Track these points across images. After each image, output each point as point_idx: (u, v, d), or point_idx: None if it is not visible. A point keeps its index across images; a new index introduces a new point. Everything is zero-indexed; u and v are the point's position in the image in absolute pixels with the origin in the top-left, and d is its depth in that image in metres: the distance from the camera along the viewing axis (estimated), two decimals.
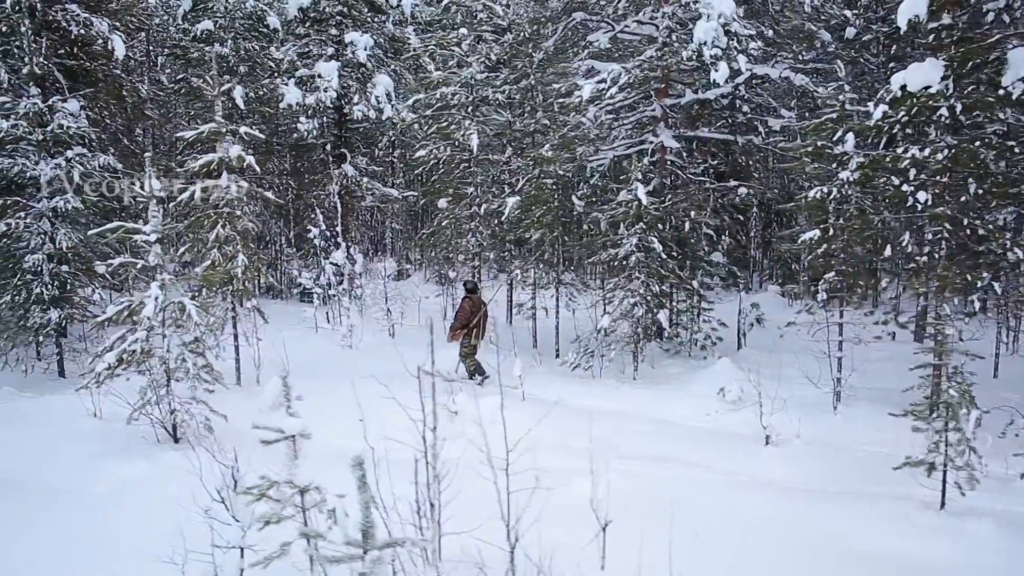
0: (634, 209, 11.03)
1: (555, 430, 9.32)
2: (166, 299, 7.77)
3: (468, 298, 11.68)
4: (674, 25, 11.32)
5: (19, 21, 10.75)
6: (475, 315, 11.45)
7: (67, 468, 7.54)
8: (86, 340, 11.84)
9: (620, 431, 9.25)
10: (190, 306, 7.86)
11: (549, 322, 14.17)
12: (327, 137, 18.91)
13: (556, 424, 9.48)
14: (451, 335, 11.70)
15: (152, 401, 7.95)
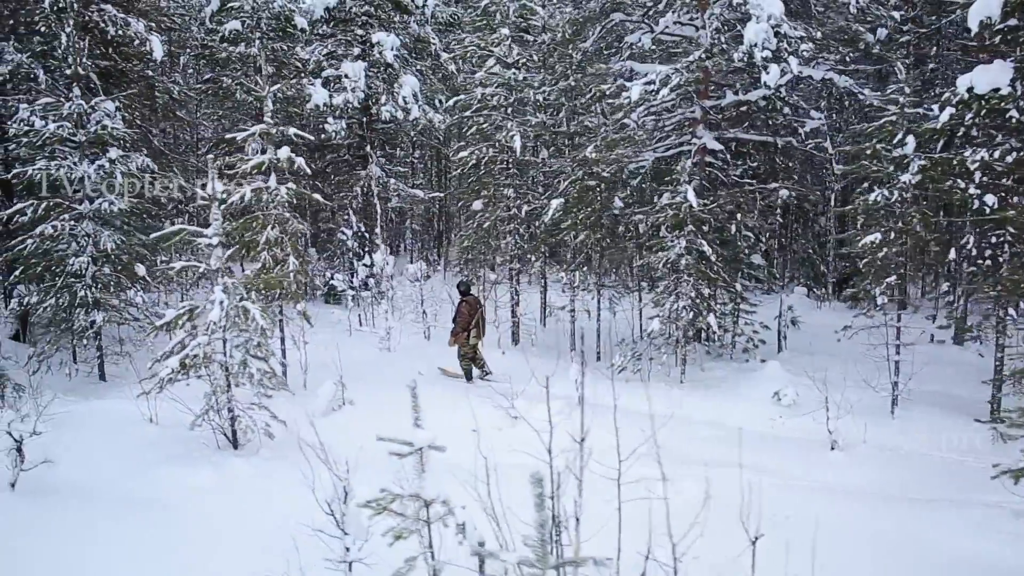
0: (683, 211, 10.94)
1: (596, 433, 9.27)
2: (230, 303, 7.66)
3: (465, 300, 11.74)
4: (722, 26, 11.24)
5: (64, 21, 10.62)
6: (473, 315, 11.53)
7: (133, 475, 7.43)
8: (123, 343, 11.71)
9: (680, 436, 9.15)
10: (254, 310, 7.76)
11: (587, 325, 14.09)
12: (352, 138, 18.80)
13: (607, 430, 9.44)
14: (454, 339, 11.76)
15: (215, 407, 7.85)
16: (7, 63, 11.95)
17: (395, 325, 13.36)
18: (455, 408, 10.00)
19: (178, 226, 8.08)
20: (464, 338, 11.59)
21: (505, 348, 13.42)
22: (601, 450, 8.38)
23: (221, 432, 8.19)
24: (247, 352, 7.93)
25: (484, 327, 11.75)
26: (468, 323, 11.49)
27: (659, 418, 9.82)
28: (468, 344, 11.63)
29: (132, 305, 11.37)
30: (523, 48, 13.17)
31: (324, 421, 9.47)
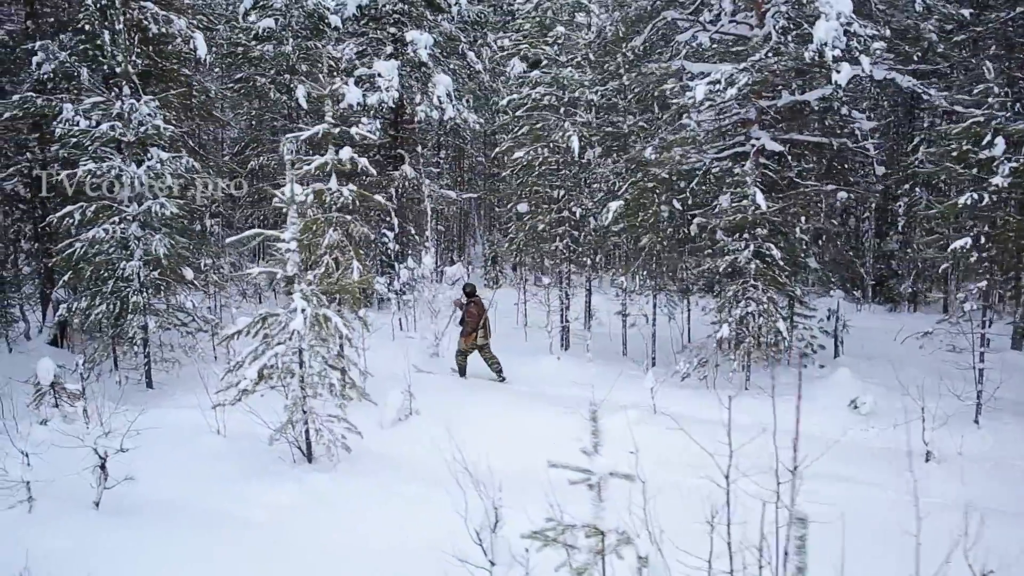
0: (750, 214, 10.65)
1: (682, 443, 8.96)
2: (312, 311, 7.34)
3: (472, 301, 12.00)
4: (788, 24, 10.94)
5: (114, 17, 10.29)
6: (481, 316, 11.82)
7: (213, 491, 7.12)
8: (172, 348, 11.39)
9: (762, 447, 8.87)
10: (336, 318, 7.44)
11: (638, 329, 13.79)
12: (384, 138, 18.48)
13: (685, 438, 9.12)
14: (464, 340, 12.02)
15: (296, 420, 7.53)
16: (51, 61, 11.60)
17: (441, 329, 13.05)
18: (530, 415, 9.72)
19: (255, 230, 7.77)
20: (474, 339, 11.88)
21: (559, 353, 13.10)
22: (699, 463, 7.97)
23: (295, 445, 7.88)
24: (325, 362, 7.63)
25: (490, 328, 12.11)
26: (477, 324, 11.81)
27: (741, 427, 9.44)
28: (477, 345, 11.94)
29: (181, 310, 11.04)
30: (573, 47, 12.85)
31: (393, 432, 9.18)
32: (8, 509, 6.15)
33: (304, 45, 16.82)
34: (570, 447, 8.69)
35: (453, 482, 7.40)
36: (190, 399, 10.29)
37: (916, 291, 18.50)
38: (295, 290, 7.46)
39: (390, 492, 7.13)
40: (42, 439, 8.44)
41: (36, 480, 6.20)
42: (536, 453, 8.42)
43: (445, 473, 7.75)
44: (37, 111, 11.61)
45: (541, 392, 11.06)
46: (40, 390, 9.26)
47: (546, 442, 8.70)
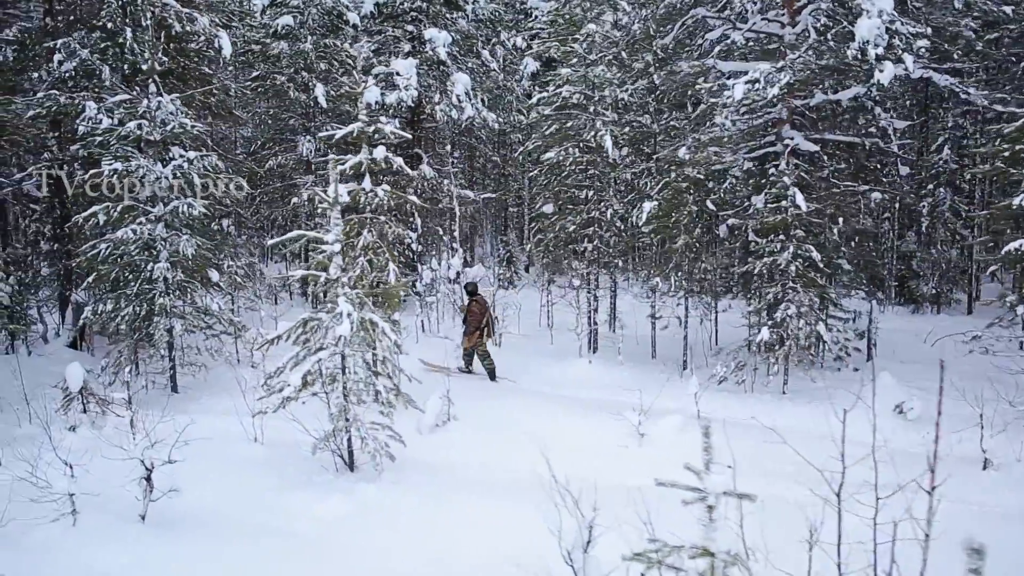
0: (790, 215, 10.44)
1: (742, 452, 8.75)
2: (358, 316, 7.12)
3: (474, 300, 12.02)
4: (828, 21, 10.74)
5: (141, 13, 10.05)
6: (484, 315, 11.83)
7: (258, 503, 6.89)
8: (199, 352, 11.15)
9: (809, 452, 8.64)
10: (383, 324, 7.22)
11: (665, 332, 13.58)
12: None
13: (740, 445, 8.91)
14: (468, 340, 12.05)
15: (341, 428, 7.30)
16: (72, 59, 11.36)
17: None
18: (573, 420, 9.50)
19: (297, 232, 7.55)
20: (477, 337, 11.88)
21: (589, 356, 12.88)
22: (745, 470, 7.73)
23: (337, 454, 7.65)
24: (369, 367, 7.40)
25: (493, 326, 12.17)
26: (480, 323, 11.81)
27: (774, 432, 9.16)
28: (482, 343, 11.94)
29: (207, 312, 10.79)
30: (603, 45, 12.63)
31: (433, 439, 8.94)
32: (52, 522, 5.92)
33: (322, 43, 16.57)
34: (621, 453, 8.48)
35: (507, 493, 7.21)
36: (219, 404, 10.05)
37: (940, 292, 18.29)
38: (339, 293, 7.24)
39: (442, 503, 6.91)
40: (75, 447, 8.25)
41: (81, 493, 5.96)
42: (590, 461, 8.25)
43: (497, 482, 7.58)
44: (60, 109, 11.36)
45: (575, 396, 10.85)
46: (69, 395, 9.02)
47: (596, 448, 8.52)
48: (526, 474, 8.01)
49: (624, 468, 7.90)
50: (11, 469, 6.51)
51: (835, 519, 4.73)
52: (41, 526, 5.86)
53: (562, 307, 14.74)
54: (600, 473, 7.89)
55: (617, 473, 7.79)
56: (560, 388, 11.38)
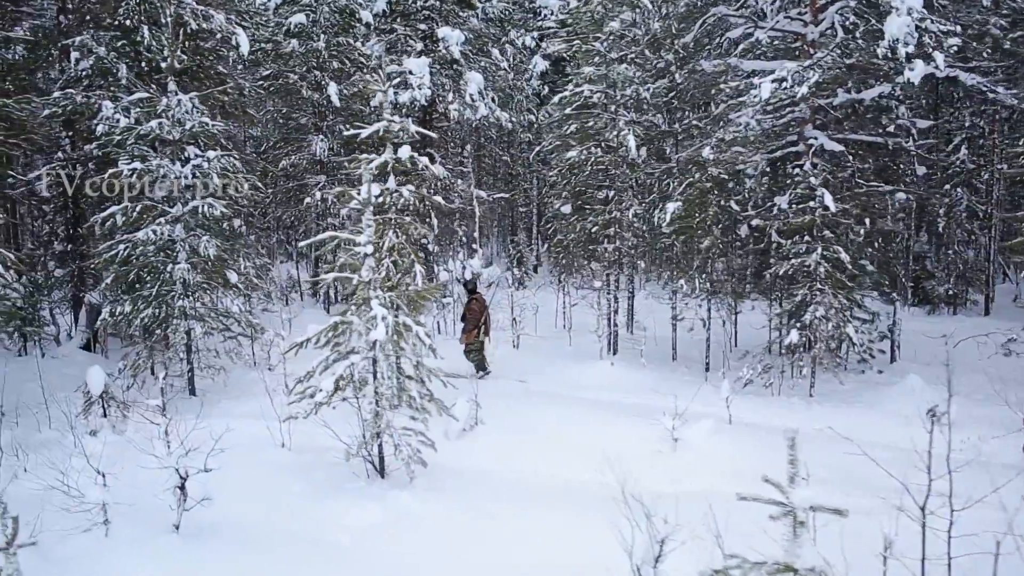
0: (818, 216, 10.30)
1: (777, 457, 8.60)
2: (392, 319, 6.96)
3: (473, 298, 12.01)
4: (857, 19, 10.60)
5: (162, 10, 9.88)
6: (482, 313, 11.78)
7: (290, 511, 6.73)
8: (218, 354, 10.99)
9: (848, 458, 8.49)
10: (417, 328, 7.06)
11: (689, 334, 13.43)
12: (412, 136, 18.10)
13: (773, 450, 8.76)
14: (466, 336, 11.98)
15: (373, 434, 7.15)
16: (88, 57, 11.18)
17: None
18: (604, 425, 9.34)
19: (329, 233, 7.39)
20: (475, 335, 11.82)
21: (610, 359, 12.72)
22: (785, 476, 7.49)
23: (368, 460, 7.49)
24: (402, 372, 7.25)
25: (490, 324, 12.09)
26: (479, 320, 11.74)
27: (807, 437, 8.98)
28: (478, 340, 11.88)
29: (226, 314, 10.63)
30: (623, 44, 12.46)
31: (461, 444, 8.78)
32: (84, 532, 5.75)
33: (334, 41, 16.41)
34: (656, 459, 8.29)
35: (548, 501, 7.04)
36: (240, 407, 9.89)
37: (956, 293, 18.16)
38: (372, 296, 7.08)
39: (479, 512, 6.75)
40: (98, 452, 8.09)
41: (114, 502, 5.80)
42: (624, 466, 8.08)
43: (534, 489, 7.42)
44: (77, 108, 11.20)
45: (599, 399, 10.68)
46: (90, 399, 8.86)
47: (630, 453, 8.34)
48: (562, 481, 7.89)
49: (662, 474, 7.76)
50: (41, 477, 6.35)
51: (910, 531, 4.59)
52: (73, 536, 5.70)
53: (580, 309, 14.59)
54: (637, 479, 7.75)
55: (655, 479, 7.63)
56: (582, 391, 11.21)
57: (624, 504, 4.66)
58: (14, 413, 9.27)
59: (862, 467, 8.06)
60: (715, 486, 7.33)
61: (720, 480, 7.57)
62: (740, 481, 7.70)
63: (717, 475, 7.73)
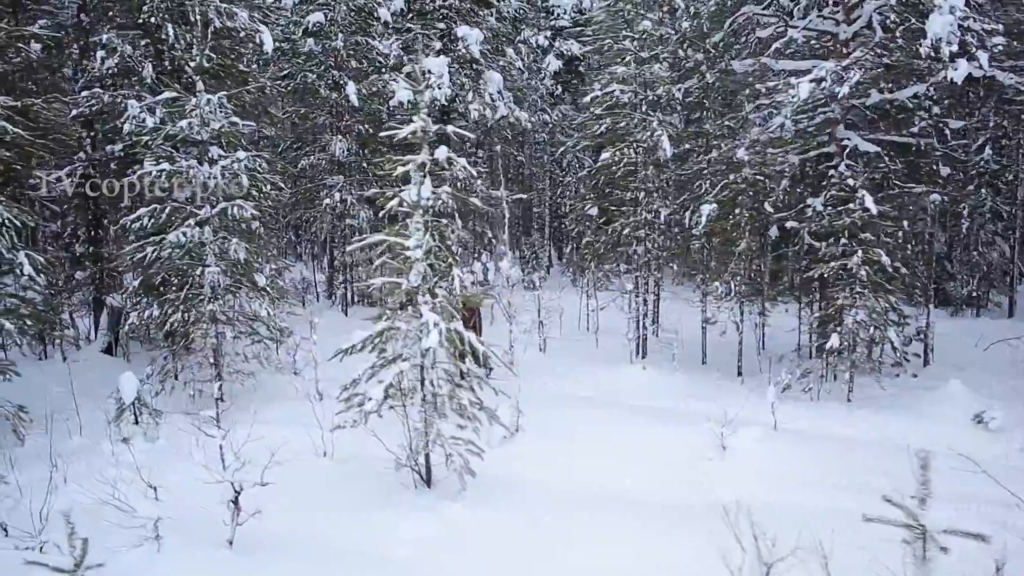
0: (858, 218, 10.13)
1: (832, 466, 8.42)
2: (444, 326, 6.77)
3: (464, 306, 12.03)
4: (898, 19, 10.42)
5: (191, 10, 9.68)
6: (471, 318, 11.69)
7: (340, 521, 6.56)
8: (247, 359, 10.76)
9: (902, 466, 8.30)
10: (469, 335, 6.87)
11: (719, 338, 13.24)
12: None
13: (827, 458, 8.57)
14: None
15: (423, 443, 6.96)
16: (114, 56, 10.97)
17: (518, 336, 12.46)
18: (646, 430, 9.15)
19: (378, 236, 7.21)
20: None
21: (642, 362, 12.53)
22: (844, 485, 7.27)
23: (415, 470, 7.30)
24: (452, 380, 7.06)
25: (480, 330, 12.16)
26: (470, 322, 11.71)
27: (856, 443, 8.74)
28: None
29: (255, 318, 10.42)
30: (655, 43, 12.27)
31: (503, 451, 8.57)
32: (135, 547, 5.55)
33: (352, 40, 16.21)
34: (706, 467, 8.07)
35: (599, 512, 6.83)
36: (271, 413, 9.65)
37: (979, 294, 18.00)
38: (422, 302, 6.89)
39: (532, 524, 6.56)
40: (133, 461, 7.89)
41: (167, 517, 5.60)
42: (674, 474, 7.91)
43: (587, 500, 7.23)
44: (103, 108, 10.99)
45: (637, 404, 10.49)
46: (122, 406, 8.66)
47: (677, 461, 8.17)
48: (613, 490, 7.69)
49: (715, 483, 7.57)
50: (87, 488, 6.15)
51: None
52: (125, 553, 5.49)
53: (609, 311, 14.39)
54: (691, 488, 7.58)
55: (707, 488, 7.46)
56: (616, 395, 11.04)
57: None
58: (43, 419, 9.06)
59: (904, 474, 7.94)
60: (774, 496, 7.15)
61: (776, 489, 7.39)
62: (794, 490, 7.55)
63: (772, 484, 7.54)
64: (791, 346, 13.95)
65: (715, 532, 6.32)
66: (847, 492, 7.39)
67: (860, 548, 4.78)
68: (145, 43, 11.45)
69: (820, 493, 7.19)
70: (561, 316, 14.72)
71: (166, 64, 11.88)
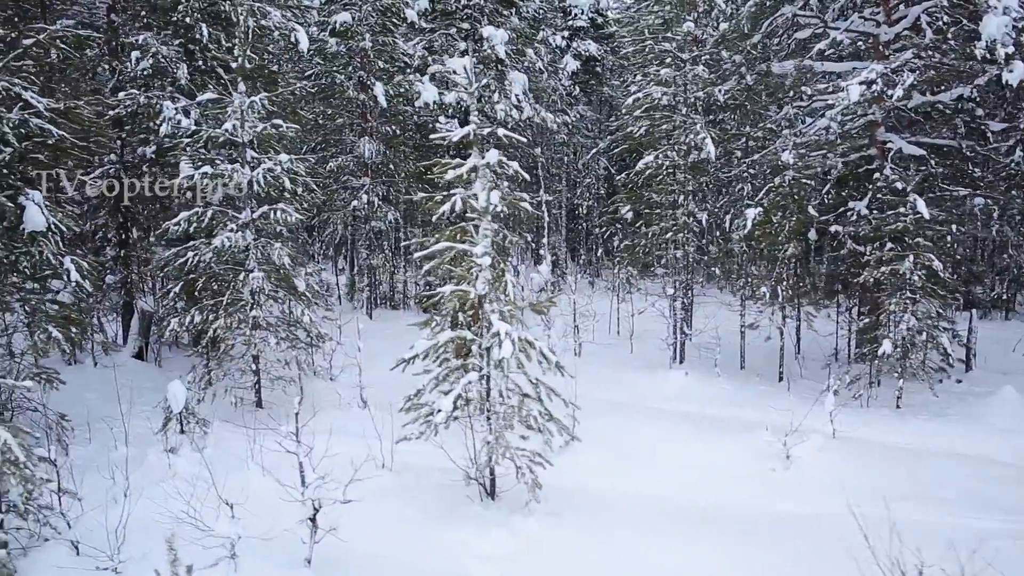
0: (910, 222, 9.98)
1: (897, 476, 8.24)
2: (516, 335, 6.59)
3: None
4: (951, 20, 10.27)
5: (233, 8, 9.48)
6: None
7: (411, 537, 6.39)
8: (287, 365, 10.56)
9: (968, 476, 8.15)
10: (540, 344, 6.70)
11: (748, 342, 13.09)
12: None
13: (891, 468, 8.39)
14: None
15: (490, 455, 6.78)
16: (149, 56, 10.77)
17: (556, 342, 12.28)
18: (699, 439, 8.97)
19: (445, 243, 7.03)
20: None
21: (684, 368, 12.35)
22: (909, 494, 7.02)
23: (479, 482, 7.13)
24: (521, 391, 6.89)
25: None
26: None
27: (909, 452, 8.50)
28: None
29: (297, 324, 10.22)
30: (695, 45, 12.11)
31: (558, 462, 8.38)
32: (210, 567, 5.37)
33: (379, 41, 16.01)
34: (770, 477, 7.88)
35: (669, 526, 6.65)
36: (318, 423, 9.45)
37: (1008, 297, 17.88)
38: (491, 311, 6.71)
39: (608, 539, 6.40)
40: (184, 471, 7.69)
41: (246, 536, 5.41)
42: (738, 486, 7.73)
43: (654, 513, 7.05)
44: (139, 109, 10.79)
45: (686, 411, 10.33)
46: (169, 415, 8.46)
47: (738, 471, 7.99)
48: (680, 503, 7.50)
49: (785, 494, 7.41)
50: (152, 500, 5.96)
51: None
52: (201, 572, 5.30)
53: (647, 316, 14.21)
54: (761, 500, 7.42)
55: (777, 500, 7.30)
56: (662, 402, 10.86)
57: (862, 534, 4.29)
58: (85, 428, 8.87)
59: (990, 487, 7.79)
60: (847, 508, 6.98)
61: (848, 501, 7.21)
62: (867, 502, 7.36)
63: (841, 495, 7.34)
64: (827, 351, 13.79)
65: (801, 547, 6.19)
66: (919, 504, 7.24)
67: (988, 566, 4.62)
68: (178, 43, 11.24)
69: (894, 504, 7.02)
70: (594, 320, 14.54)
71: (199, 64, 11.68)
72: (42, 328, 8.13)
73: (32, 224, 7.93)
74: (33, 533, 5.66)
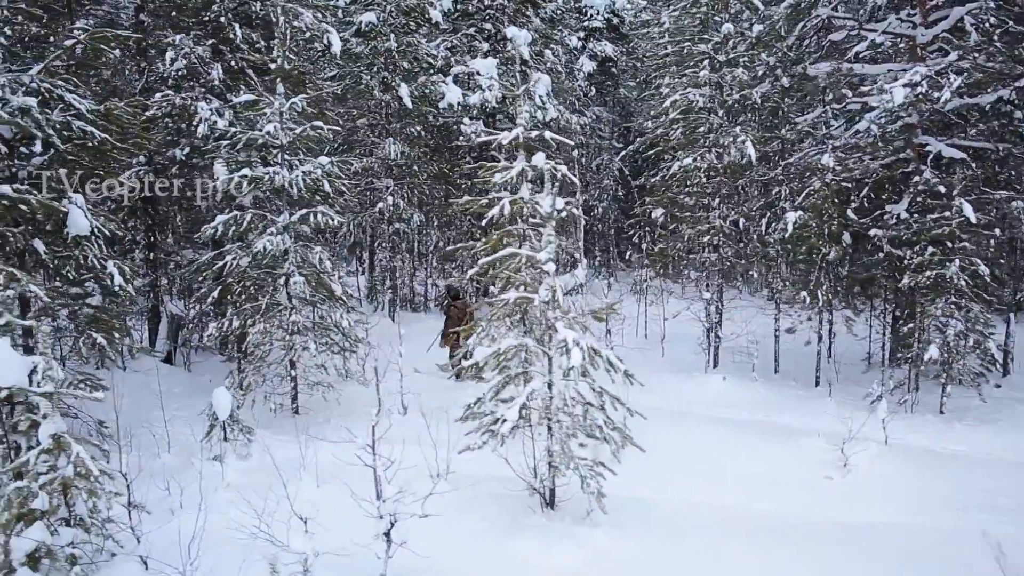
0: (955, 226, 9.88)
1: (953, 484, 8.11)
2: (584, 343, 6.47)
3: (454, 305, 12.38)
4: (997, 21, 10.17)
5: (271, 9, 9.34)
6: (462, 320, 11.90)
7: (476, 549, 6.28)
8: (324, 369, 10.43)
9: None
10: (607, 352, 6.57)
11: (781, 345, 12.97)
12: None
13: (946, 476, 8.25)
14: (444, 340, 12.33)
15: (553, 465, 6.65)
16: (181, 58, 10.62)
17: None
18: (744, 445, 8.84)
19: (510, 249, 6.90)
20: (454, 338, 11.84)
21: (721, 373, 12.22)
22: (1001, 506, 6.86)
23: (539, 492, 7.00)
24: (584, 399, 6.76)
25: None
26: (458, 325, 11.75)
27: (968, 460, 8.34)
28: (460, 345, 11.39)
29: (335, 328, 10.09)
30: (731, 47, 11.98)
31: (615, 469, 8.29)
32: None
33: (404, 41, 15.86)
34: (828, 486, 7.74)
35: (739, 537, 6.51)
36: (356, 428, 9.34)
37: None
38: (556, 318, 6.59)
39: (677, 549, 6.29)
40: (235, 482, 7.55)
41: (323, 552, 5.28)
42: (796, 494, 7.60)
43: (720, 523, 6.92)
44: (174, 111, 10.64)
45: (730, 418, 10.20)
46: (214, 423, 8.32)
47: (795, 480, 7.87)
48: (742, 512, 7.35)
49: (847, 504, 7.29)
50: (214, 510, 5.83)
51: None
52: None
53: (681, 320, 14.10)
54: (824, 509, 7.29)
55: (838, 510, 7.17)
56: (702, 407, 10.74)
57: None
58: (126, 434, 8.71)
59: None
60: (910, 517, 6.89)
61: (908, 510, 7.12)
62: (928, 511, 7.25)
63: (902, 504, 7.27)
64: (859, 355, 13.69)
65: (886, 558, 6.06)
66: (979, 513, 7.12)
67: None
68: (210, 43, 11.09)
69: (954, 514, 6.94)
70: (622, 322, 14.41)
71: (231, 64, 11.53)
72: (86, 334, 7.99)
73: (76, 228, 7.78)
74: (98, 547, 5.53)
